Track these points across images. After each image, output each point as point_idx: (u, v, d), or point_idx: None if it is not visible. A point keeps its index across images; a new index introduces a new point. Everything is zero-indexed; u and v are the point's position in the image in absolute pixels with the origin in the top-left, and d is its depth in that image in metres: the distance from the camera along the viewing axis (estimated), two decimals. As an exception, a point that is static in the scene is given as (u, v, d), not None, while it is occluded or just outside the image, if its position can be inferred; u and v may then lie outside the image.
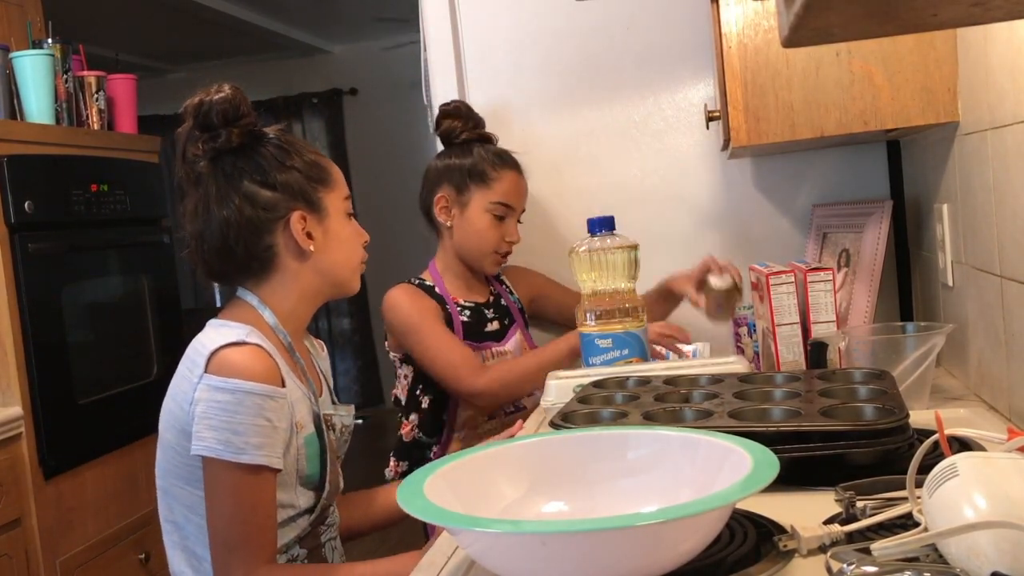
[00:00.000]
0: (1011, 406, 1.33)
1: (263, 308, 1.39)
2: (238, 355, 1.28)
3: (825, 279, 1.67)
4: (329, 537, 1.45)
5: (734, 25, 1.62)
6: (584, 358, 1.72)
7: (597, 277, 1.73)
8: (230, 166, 1.37)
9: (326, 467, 1.39)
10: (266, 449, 1.26)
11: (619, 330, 1.70)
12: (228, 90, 1.36)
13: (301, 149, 1.42)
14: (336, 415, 1.45)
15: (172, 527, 1.36)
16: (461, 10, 2.21)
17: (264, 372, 1.28)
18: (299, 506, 1.37)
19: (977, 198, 1.41)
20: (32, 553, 2.41)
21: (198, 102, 1.35)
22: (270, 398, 1.27)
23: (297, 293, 1.41)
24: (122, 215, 2.87)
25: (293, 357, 1.40)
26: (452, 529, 0.86)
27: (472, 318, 1.95)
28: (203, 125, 1.36)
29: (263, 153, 1.38)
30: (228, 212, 1.35)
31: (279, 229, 1.37)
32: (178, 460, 1.31)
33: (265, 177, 1.37)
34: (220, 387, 1.26)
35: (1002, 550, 0.72)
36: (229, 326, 1.33)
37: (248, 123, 1.38)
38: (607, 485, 1.02)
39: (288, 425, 1.31)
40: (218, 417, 1.25)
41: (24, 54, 2.63)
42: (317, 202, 1.40)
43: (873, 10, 0.73)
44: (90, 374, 2.68)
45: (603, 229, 1.74)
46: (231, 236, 1.36)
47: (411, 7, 2.33)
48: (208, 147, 1.37)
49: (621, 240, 1.73)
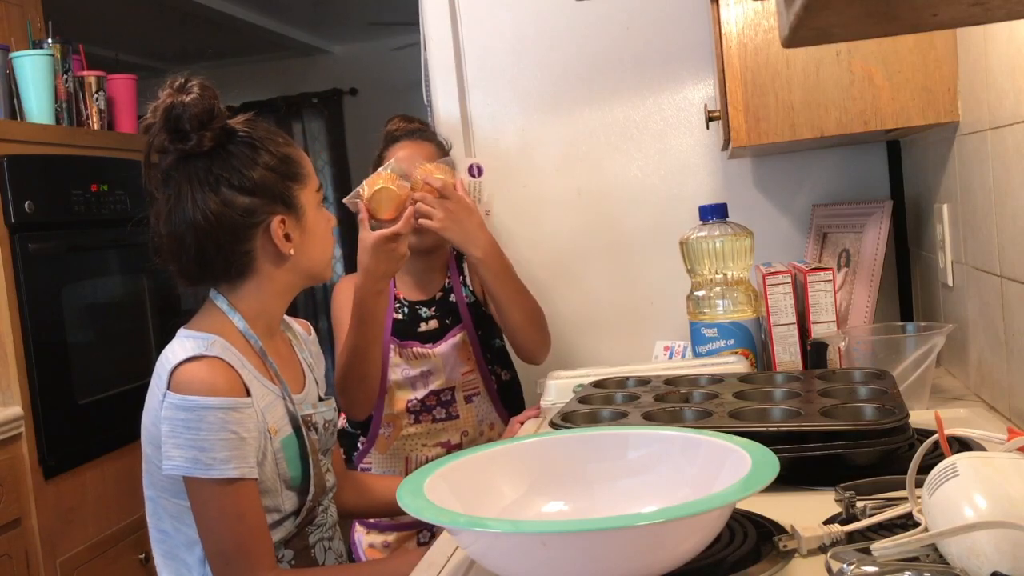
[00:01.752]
0: (1011, 406, 1.33)
1: (233, 313, 1.36)
2: (197, 371, 1.26)
3: (825, 279, 1.67)
4: (320, 537, 1.43)
5: (734, 25, 1.62)
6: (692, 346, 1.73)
7: (708, 265, 1.73)
8: (203, 171, 1.31)
9: (309, 468, 1.37)
10: (235, 461, 1.24)
11: (725, 320, 1.70)
12: (197, 91, 1.29)
13: (271, 143, 1.36)
14: (317, 413, 1.42)
15: (160, 535, 1.35)
16: (461, 11, 2.20)
17: (224, 384, 1.26)
18: (284, 510, 1.35)
19: (977, 198, 1.41)
20: (32, 553, 2.41)
21: (169, 104, 1.29)
22: (232, 410, 1.25)
23: (271, 293, 1.38)
24: (122, 215, 2.86)
25: (265, 361, 1.37)
26: (452, 529, 0.86)
27: (406, 316, 1.89)
28: (173, 128, 1.30)
29: (235, 153, 1.33)
30: (203, 219, 1.30)
31: (258, 235, 1.34)
32: (158, 473, 1.30)
33: (241, 181, 1.31)
34: (181, 405, 1.24)
35: (1002, 550, 0.72)
36: (193, 337, 1.31)
37: (219, 125, 1.32)
38: (607, 485, 1.02)
39: (260, 432, 1.29)
40: (183, 436, 1.23)
41: (24, 54, 2.63)
42: (293, 202, 1.36)
43: (873, 10, 0.73)
44: (90, 374, 2.68)
45: (715, 216, 1.74)
46: (208, 243, 1.32)
47: (411, 11, 2.33)
48: (176, 148, 1.31)
49: (734, 228, 1.73)
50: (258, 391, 1.32)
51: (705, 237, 1.75)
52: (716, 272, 1.75)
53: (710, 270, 1.75)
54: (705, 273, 1.76)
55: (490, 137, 2.22)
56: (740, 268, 1.75)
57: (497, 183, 2.22)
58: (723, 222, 1.77)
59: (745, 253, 1.75)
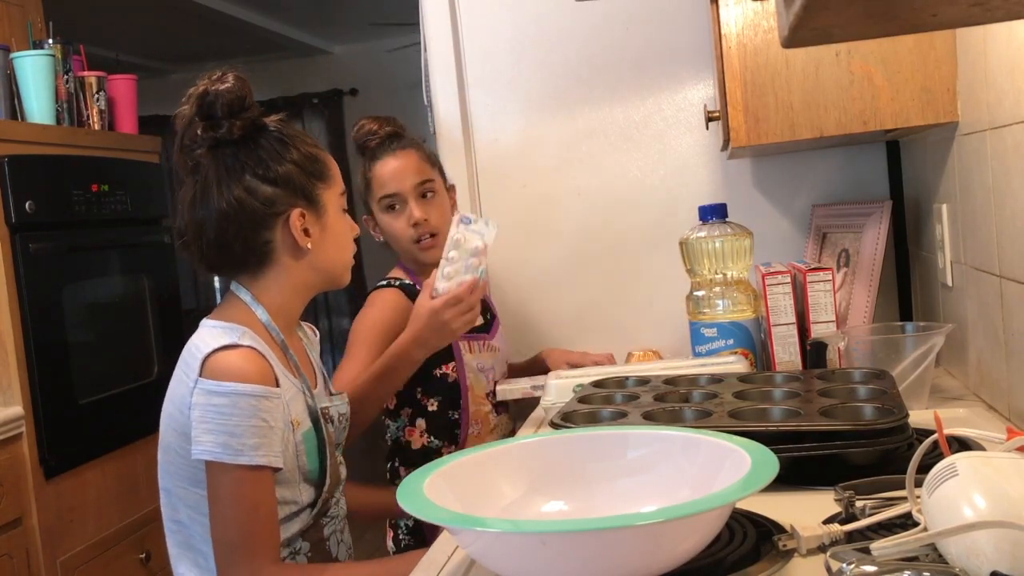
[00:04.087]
0: (1010, 406, 1.33)
1: (256, 306, 1.38)
2: (232, 358, 1.28)
3: (825, 279, 1.67)
4: (334, 529, 1.45)
5: (734, 25, 1.63)
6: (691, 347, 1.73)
7: (708, 265, 1.73)
8: (231, 158, 1.35)
9: (326, 460, 1.39)
10: (263, 449, 1.27)
11: (724, 320, 1.70)
12: (232, 80, 1.34)
13: (301, 142, 1.40)
14: (332, 406, 1.45)
15: (177, 527, 1.36)
16: (461, 11, 2.21)
17: (258, 373, 1.28)
18: (301, 502, 1.37)
19: (976, 198, 1.42)
20: (32, 553, 2.41)
21: (203, 91, 1.33)
22: (265, 398, 1.27)
23: (291, 288, 1.41)
24: (122, 215, 2.87)
25: (287, 354, 1.39)
26: (452, 529, 0.86)
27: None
28: (206, 115, 1.35)
29: (264, 146, 1.37)
30: (227, 205, 1.34)
31: (278, 225, 1.37)
32: (180, 462, 1.32)
33: (266, 171, 1.36)
34: (215, 391, 1.26)
35: (1002, 550, 0.72)
36: (223, 327, 1.33)
37: (251, 115, 1.36)
38: (607, 485, 1.02)
39: (284, 424, 1.32)
40: (215, 420, 1.25)
41: (25, 54, 2.64)
42: (316, 199, 1.40)
43: (873, 10, 0.73)
44: (90, 374, 2.68)
45: (715, 217, 1.74)
46: (229, 229, 1.35)
47: (411, 11, 2.33)
48: (208, 136, 1.35)
49: (734, 228, 1.73)
50: (283, 383, 1.34)
51: (705, 237, 1.75)
52: (716, 272, 1.75)
53: (710, 270, 1.76)
54: (705, 273, 1.76)
55: (490, 137, 2.22)
56: (740, 268, 1.76)
57: (497, 183, 2.22)
58: (723, 222, 1.77)
59: (745, 253, 1.75)
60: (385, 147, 1.88)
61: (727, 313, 1.73)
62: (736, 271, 1.75)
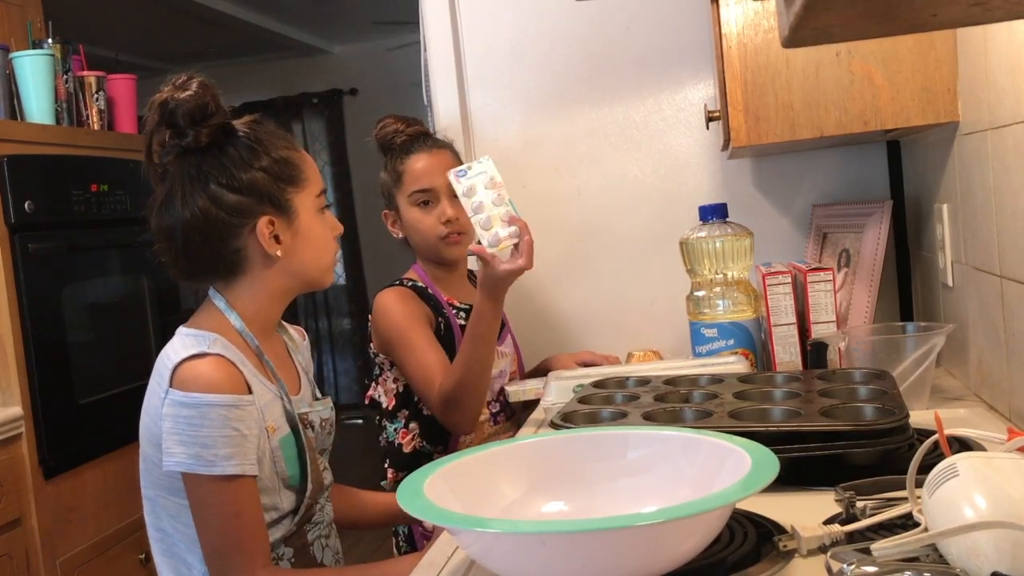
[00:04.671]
0: (1011, 406, 1.33)
1: (230, 312, 1.37)
2: (200, 367, 1.27)
3: (825, 279, 1.67)
4: (318, 535, 1.44)
5: (734, 25, 1.63)
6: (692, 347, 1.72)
7: (708, 265, 1.73)
8: (195, 167, 1.33)
9: (307, 466, 1.37)
10: (237, 458, 1.25)
11: (725, 320, 1.70)
12: (195, 88, 1.30)
13: (272, 146, 1.37)
14: (313, 411, 1.43)
15: (160, 534, 1.35)
16: (461, 11, 2.20)
17: (228, 381, 1.27)
18: (283, 508, 1.36)
19: (977, 198, 1.41)
20: (32, 553, 2.41)
21: (164, 99, 1.31)
22: (235, 407, 1.26)
23: (265, 294, 1.39)
24: (122, 215, 2.87)
25: (262, 360, 1.37)
26: (452, 529, 0.86)
27: (466, 320, 1.86)
28: (169, 123, 1.32)
29: (230, 153, 1.34)
30: (191, 215, 1.32)
31: (246, 233, 1.34)
32: (157, 471, 1.31)
33: (231, 180, 1.32)
34: (183, 402, 1.25)
35: (1002, 550, 0.72)
36: (194, 335, 1.32)
37: (216, 122, 1.33)
38: (607, 485, 1.02)
39: (259, 431, 1.30)
40: (185, 432, 1.24)
41: (24, 54, 2.64)
42: (285, 204, 1.36)
43: (873, 10, 0.73)
44: (90, 374, 2.68)
45: (715, 217, 1.74)
46: (196, 239, 1.33)
47: (411, 9, 2.33)
48: (174, 144, 1.33)
49: (734, 228, 1.73)
50: (258, 389, 1.32)
51: (705, 237, 1.75)
52: (716, 272, 1.75)
53: (710, 270, 1.76)
54: (705, 273, 1.76)
55: (490, 137, 2.22)
56: (740, 268, 1.76)
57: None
58: (723, 222, 1.77)
59: (745, 253, 1.75)
60: (420, 143, 1.89)
61: (727, 313, 1.73)
62: (736, 271, 1.75)
